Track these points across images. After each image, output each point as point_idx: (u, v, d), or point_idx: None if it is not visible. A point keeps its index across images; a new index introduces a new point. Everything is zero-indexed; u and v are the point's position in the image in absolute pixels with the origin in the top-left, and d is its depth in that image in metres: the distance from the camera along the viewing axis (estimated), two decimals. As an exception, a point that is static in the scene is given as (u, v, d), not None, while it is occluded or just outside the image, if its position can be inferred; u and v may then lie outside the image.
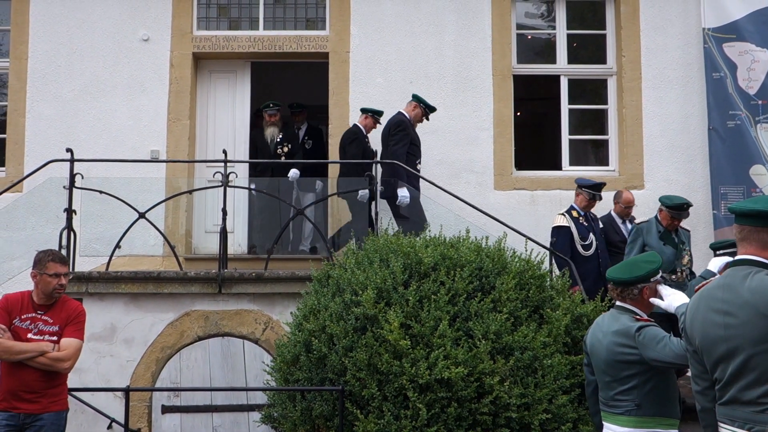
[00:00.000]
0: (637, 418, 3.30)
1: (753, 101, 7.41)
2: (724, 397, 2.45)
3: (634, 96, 7.51)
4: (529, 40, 8.25)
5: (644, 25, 7.57)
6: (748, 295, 2.40)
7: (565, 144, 7.70)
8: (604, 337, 3.41)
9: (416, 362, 4.10)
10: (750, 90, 7.45)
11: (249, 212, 7.64)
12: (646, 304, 3.43)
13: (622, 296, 3.46)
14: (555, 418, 4.13)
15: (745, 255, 2.54)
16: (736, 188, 7.23)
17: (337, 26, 7.58)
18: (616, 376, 3.34)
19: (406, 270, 4.58)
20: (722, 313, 2.46)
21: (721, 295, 2.51)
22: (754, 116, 7.39)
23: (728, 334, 2.42)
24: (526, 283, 4.66)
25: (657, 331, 3.29)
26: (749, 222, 2.54)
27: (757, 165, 7.29)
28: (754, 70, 7.48)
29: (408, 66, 7.49)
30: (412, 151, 6.67)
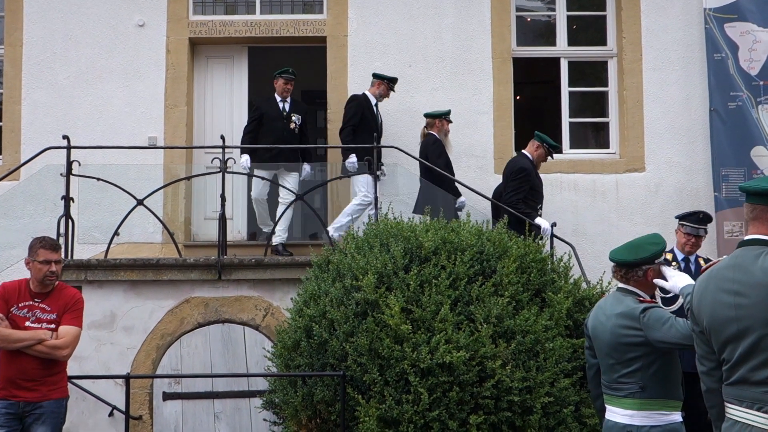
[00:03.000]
0: (642, 401, 3.27)
1: (754, 82, 7.34)
2: (732, 378, 2.42)
3: (635, 78, 7.44)
4: (529, 22, 8.17)
5: (645, 5, 7.49)
6: (761, 275, 2.36)
7: (566, 127, 7.65)
8: (608, 319, 3.37)
9: (417, 347, 4.08)
10: (751, 71, 7.38)
11: (248, 198, 7.59)
12: (649, 285, 3.40)
13: (626, 278, 3.43)
14: (557, 401, 4.12)
15: (756, 234, 2.50)
16: (738, 170, 7.18)
17: (335, 10, 7.50)
18: (620, 358, 3.31)
19: (406, 254, 4.55)
20: (733, 294, 2.43)
21: (731, 275, 2.47)
22: (755, 97, 7.33)
23: (739, 314, 2.39)
24: (527, 267, 4.64)
25: (662, 312, 3.26)
26: (761, 201, 2.50)
27: (758, 146, 7.23)
28: (756, 50, 7.41)
29: (406, 49, 7.41)
30: (533, 197, 6.31)
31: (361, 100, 6.85)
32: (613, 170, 7.26)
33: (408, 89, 7.29)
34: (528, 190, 6.17)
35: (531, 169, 6.27)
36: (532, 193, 6.22)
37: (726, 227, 7.13)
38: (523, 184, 6.14)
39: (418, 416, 3.98)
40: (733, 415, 2.44)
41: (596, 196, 7.14)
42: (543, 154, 6.42)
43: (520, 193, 6.11)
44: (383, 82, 6.93)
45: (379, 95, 6.95)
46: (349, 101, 6.92)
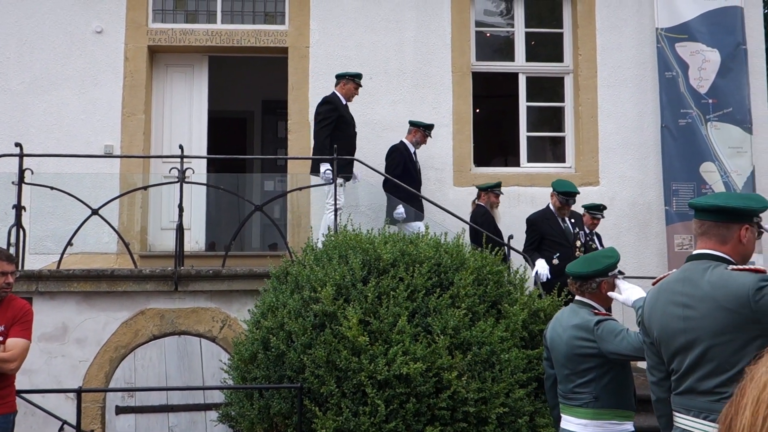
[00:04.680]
0: (595, 410, 3.34)
1: (704, 100, 7.59)
2: (680, 387, 2.50)
3: (590, 94, 7.62)
4: (488, 37, 8.31)
5: (600, 24, 7.69)
6: (708, 288, 2.44)
7: (523, 141, 7.78)
8: (564, 331, 3.44)
9: (375, 358, 4.09)
10: (701, 89, 7.63)
11: (207, 209, 7.52)
12: (604, 298, 3.48)
13: (581, 290, 3.50)
14: (512, 412, 4.17)
15: (704, 249, 2.58)
16: (687, 185, 7.40)
17: (297, 21, 7.51)
18: (575, 369, 3.38)
19: (365, 266, 4.56)
20: (682, 306, 2.51)
21: (680, 288, 2.55)
22: (704, 115, 7.57)
23: (687, 326, 2.47)
24: (484, 279, 4.69)
25: (615, 324, 3.34)
26: (709, 217, 2.58)
27: (707, 162, 7.47)
28: (705, 69, 7.66)
29: (368, 62, 7.46)
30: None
31: (402, 150, 6.90)
32: (569, 184, 7.39)
33: (369, 102, 7.33)
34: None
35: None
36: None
37: (676, 240, 7.34)
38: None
39: (375, 428, 3.98)
40: (681, 424, 2.50)
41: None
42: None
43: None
44: (419, 130, 6.97)
45: (416, 142, 6.99)
46: (390, 152, 6.93)
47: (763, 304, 2.35)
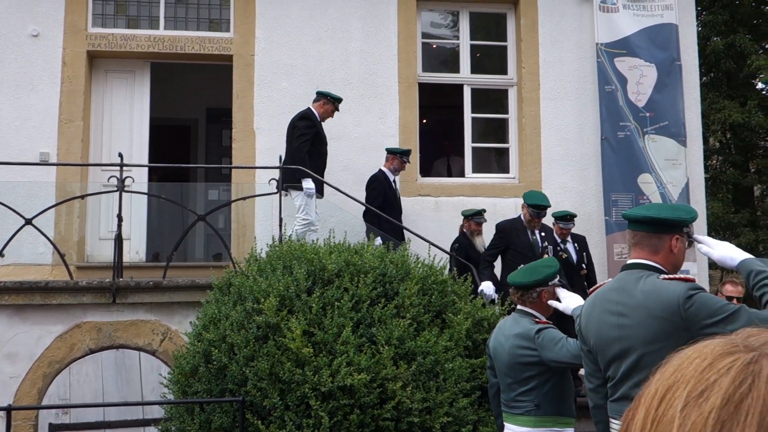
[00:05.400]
0: (537, 418, 3.39)
1: (641, 113, 7.82)
2: (615, 394, 2.55)
3: (533, 106, 7.76)
4: (435, 49, 8.39)
5: (542, 38, 7.85)
6: (641, 297, 2.50)
7: (468, 152, 7.87)
8: (506, 340, 3.48)
9: (319, 370, 4.05)
10: (639, 103, 7.86)
11: (149, 218, 7.35)
12: (544, 307, 3.53)
13: (522, 300, 3.55)
14: (456, 421, 4.18)
15: (637, 259, 2.65)
16: (626, 195, 7.60)
17: (242, 29, 7.43)
18: (517, 377, 3.41)
19: (309, 277, 4.52)
20: (616, 315, 2.56)
21: (615, 297, 2.61)
22: (642, 127, 7.80)
23: (622, 334, 2.52)
24: (428, 289, 4.70)
25: (555, 333, 3.39)
26: (641, 228, 2.65)
27: (644, 174, 7.69)
28: (643, 84, 7.90)
29: (314, 71, 7.43)
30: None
31: (381, 179, 6.83)
32: (512, 194, 7.51)
33: (315, 111, 7.29)
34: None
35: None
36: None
37: (615, 249, 7.52)
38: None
39: (319, 441, 3.94)
40: (617, 430, 2.55)
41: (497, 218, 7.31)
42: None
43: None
44: (396, 156, 6.91)
45: (394, 170, 6.94)
46: (369, 182, 6.86)
47: (693, 313, 2.42)
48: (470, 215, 6.79)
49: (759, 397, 0.62)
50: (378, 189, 6.76)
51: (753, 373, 0.64)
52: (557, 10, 7.87)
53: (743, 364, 0.65)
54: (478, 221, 6.77)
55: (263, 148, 7.12)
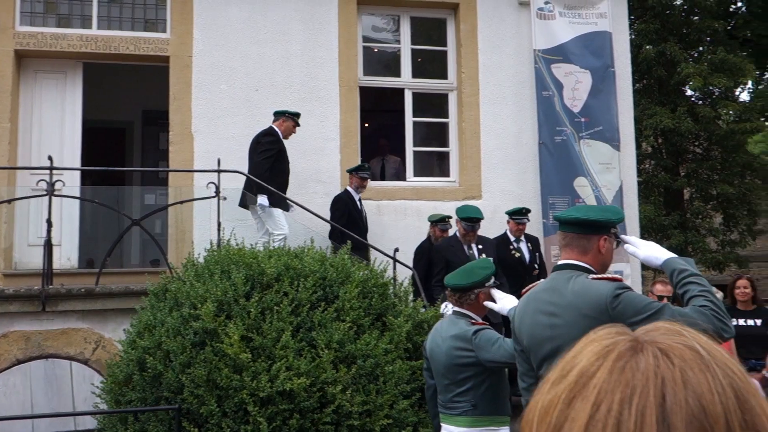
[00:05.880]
0: (473, 418, 3.42)
1: (577, 118, 8.02)
2: (547, 394, 2.60)
3: (473, 111, 7.87)
4: (376, 53, 8.42)
5: (482, 44, 7.97)
6: (572, 297, 2.56)
7: (410, 155, 7.91)
8: (443, 342, 3.50)
9: (257, 375, 4.00)
10: (574, 108, 8.06)
11: (81, 224, 7.12)
12: (481, 308, 3.58)
13: (459, 302, 3.58)
14: (396, 423, 4.19)
15: (568, 260, 2.72)
16: (563, 198, 7.77)
17: (179, 30, 7.29)
18: (454, 378, 3.44)
19: (248, 281, 4.46)
20: (548, 315, 2.61)
21: (547, 297, 2.66)
22: (578, 132, 8.00)
23: (554, 333, 2.57)
24: (369, 292, 4.71)
25: (491, 333, 3.44)
26: (571, 229, 2.72)
27: (580, 177, 7.88)
28: (578, 89, 8.10)
29: (254, 73, 7.35)
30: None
31: (345, 199, 6.80)
32: (453, 197, 7.59)
33: (255, 114, 7.22)
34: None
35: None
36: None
37: (553, 252, 7.68)
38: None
39: (258, 447, 3.88)
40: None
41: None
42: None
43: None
44: (354, 175, 6.90)
45: (357, 188, 6.91)
46: (333, 202, 6.83)
47: (620, 311, 2.49)
48: (435, 221, 6.81)
49: (601, 375, 0.66)
50: (341, 209, 6.77)
51: (607, 353, 0.68)
52: (496, 16, 8.00)
53: (604, 347, 0.69)
54: (443, 228, 6.77)
55: (201, 152, 6.99)
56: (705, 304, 2.52)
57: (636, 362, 0.68)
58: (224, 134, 7.01)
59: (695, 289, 2.58)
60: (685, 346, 0.70)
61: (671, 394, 0.65)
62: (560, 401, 0.68)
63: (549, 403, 0.69)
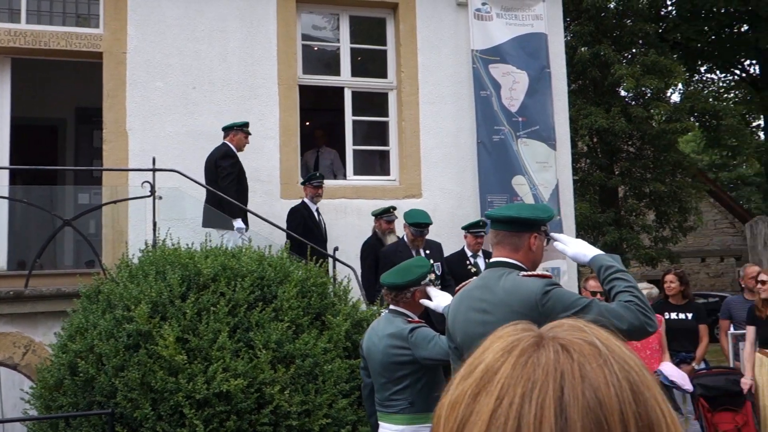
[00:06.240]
0: (410, 416, 3.46)
1: (514, 118, 8.17)
2: (480, 389, 2.65)
3: (412, 110, 7.93)
4: (316, 51, 8.39)
5: (421, 43, 8.04)
6: (503, 294, 2.62)
7: (350, 154, 7.92)
8: (380, 340, 3.53)
9: (193, 377, 3.95)
10: (512, 108, 8.21)
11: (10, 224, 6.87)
12: (417, 306, 3.62)
13: (395, 300, 3.61)
14: (335, 422, 4.20)
15: (499, 257, 2.78)
16: (501, 197, 7.91)
17: (113, 25, 7.10)
18: (391, 377, 3.47)
19: (184, 282, 4.40)
20: (481, 312, 2.66)
21: (479, 294, 2.71)
22: (515, 132, 8.16)
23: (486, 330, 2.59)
24: (308, 291, 4.70)
25: (428, 331, 3.48)
26: (503, 227, 2.78)
27: (518, 176, 8.04)
28: (515, 90, 8.25)
29: (190, 71, 7.22)
30: None
31: (301, 210, 6.73)
32: (393, 196, 7.64)
33: (192, 111, 7.11)
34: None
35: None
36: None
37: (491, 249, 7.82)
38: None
39: (194, 450, 3.84)
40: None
41: (376, 221, 7.46)
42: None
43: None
44: (308, 185, 6.85)
45: (312, 197, 6.86)
46: (289, 214, 6.78)
47: (549, 307, 2.56)
48: (379, 214, 6.81)
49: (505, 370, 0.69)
50: (297, 220, 6.74)
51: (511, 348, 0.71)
52: (435, 16, 8.09)
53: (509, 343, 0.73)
54: (389, 219, 6.76)
55: (137, 150, 6.84)
56: (630, 300, 2.61)
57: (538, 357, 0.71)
58: (160, 132, 6.87)
59: (621, 284, 2.68)
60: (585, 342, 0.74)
61: (569, 388, 0.68)
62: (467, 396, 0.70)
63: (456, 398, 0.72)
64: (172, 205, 6.35)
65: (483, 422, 0.67)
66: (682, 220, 14.51)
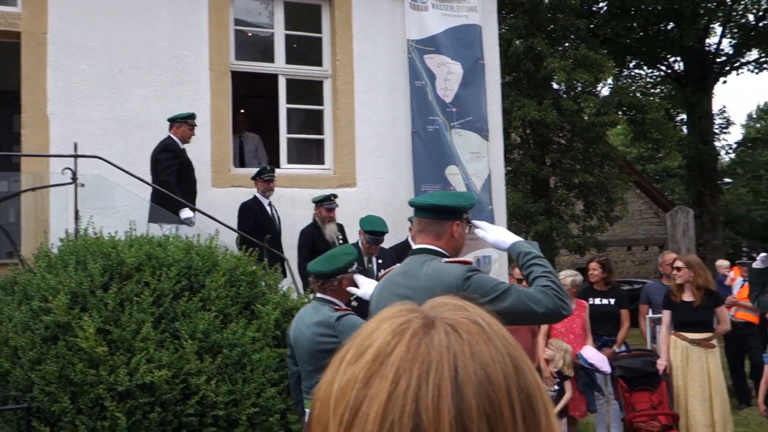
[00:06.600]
0: (337, 404, 3.46)
1: (448, 108, 8.24)
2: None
3: (348, 98, 7.90)
4: (250, 37, 8.24)
5: (356, 32, 8.00)
6: (425, 281, 2.64)
7: (284, 142, 7.83)
8: (307, 328, 3.51)
9: (115, 369, 3.84)
10: (446, 98, 8.28)
11: None
12: (344, 294, 3.61)
13: (322, 288, 3.60)
14: (263, 411, 4.17)
15: (422, 244, 2.79)
16: (435, 186, 7.97)
17: (32, 4, 6.78)
18: (318, 365, 3.46)
19: (106, 272, 4.27)
20: (403, 298, 2.65)
21: (402, 281, 2.73)
22: (449, 122, 8.23)
23: None
24: (237, 280, 4.63)
25: (355, 318, 3.48)
26: (426, 215, 2.80)
27: (451, 165, 8.12)
28: (450, 80, 8.32)
29: (116, 54, 6.98)
30: None
31: (252, 206, 6.59)
32: (327, 185, 7.60)
33: (117, 96, 6.88)
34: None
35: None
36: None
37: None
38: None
39: (116, 443, 3.74)
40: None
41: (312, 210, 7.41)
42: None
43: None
44: (260, 180, 6.73)
45: (264, 192, 6.72)
46: (240, 210, 6.62)
47: (470, 292, 2.60)
48: (320, 201, 6.73)
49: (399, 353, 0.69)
50: (248, 215, 6.62)
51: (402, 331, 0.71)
52: (371, 5, 8.06)
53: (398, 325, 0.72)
54: (329, 207, 6.68)
55: (58, 135, 6.57)
56: (547, 284, 2.68)
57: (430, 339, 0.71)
58: (84, 117, 6.63)
59: (539, 270, 2.74)
60: (470, 321, 0.74)
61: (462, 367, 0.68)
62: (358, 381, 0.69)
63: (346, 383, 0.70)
64: (95, 194, 6.14)
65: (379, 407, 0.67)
66: (608, 210, 14.98)
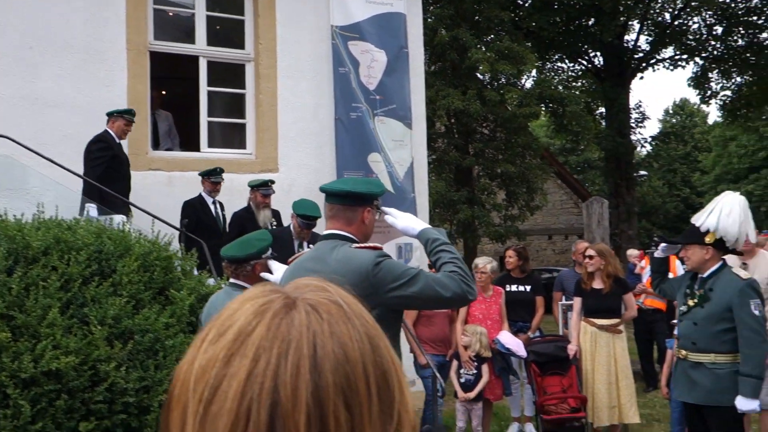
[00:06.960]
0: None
1: (372, 96, 8.29)
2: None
3: (270, 83, 7.83)
4: (171, 17, 8.04)
5: (280, 16, 7.93)
6: (335, 265, 2.69)
7: (204, 126, 7.71)
8: (220, 313, 3.51)
9: (19, 355, 3.72)
10: (370, 86, 8.32)
11: None
12: (257, 279, 3.63)
13: (236, 273, 3.61)
14: (176, 398, 4.13)
15: (333, 230, 2.84)
16: (357, 173, 8.02)
17: (-67, -27, 6.42)
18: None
19: (10, 255, 4.12)
20: None
21: (311, 266, 2.77)
22: (372, 109, 8.29)
23: None
24: (150, 265, 4.56)
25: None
26: (338, 201, 2.85)
27: (374, 153, 8.20)
28: (373, 68, 8.37)
29: (28, 30, 6.69)
30: None
31: (195, 205, 6.51)
32: (249, 170, 7.53)
33: (29, 73, 6.61)
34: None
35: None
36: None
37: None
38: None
39: (19, 430, 3.64)
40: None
41: (233, 195, 7.33)
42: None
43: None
44: (206, 179, 6.63)
45: (209, 192, 6.63)
46: (183, 208, 6.53)
47: (380, 278, 2.67)
48: (256, 186, 6.65)
49: (260, 332, 0.72)
50: (190, 214, 6.53)
51: (263, 311, 0.75)
52: (295, -11, 8.00)
53: (260, 305, 0.76)
54: (265, 192, 6.62)
55: (-38, 113, 6.27)
56: (454, 270, 2.78)
57: (291, 318, 0.75)
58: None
59: (446, 256, 2.84)
60: (331, 301, 0.79)
61: (321, 346, 0.73)
62: (219, 359, 0.71)
63: (207, 362, 0.72)
64: (3, 175, 5.90)
65: (239, 384, 0.69)
66: (529, 200, 15.43)
